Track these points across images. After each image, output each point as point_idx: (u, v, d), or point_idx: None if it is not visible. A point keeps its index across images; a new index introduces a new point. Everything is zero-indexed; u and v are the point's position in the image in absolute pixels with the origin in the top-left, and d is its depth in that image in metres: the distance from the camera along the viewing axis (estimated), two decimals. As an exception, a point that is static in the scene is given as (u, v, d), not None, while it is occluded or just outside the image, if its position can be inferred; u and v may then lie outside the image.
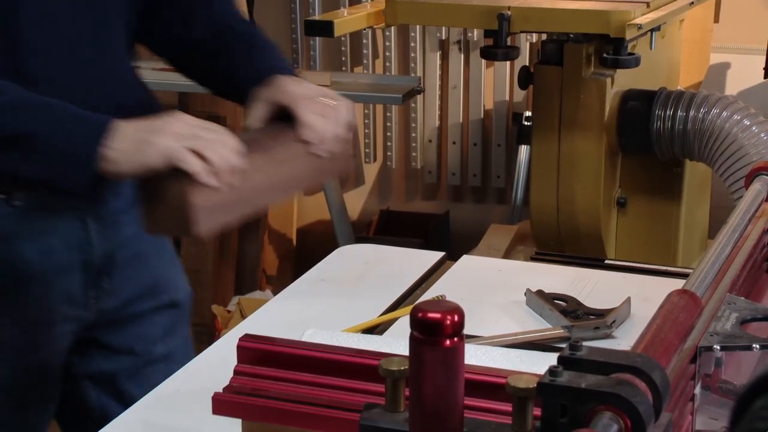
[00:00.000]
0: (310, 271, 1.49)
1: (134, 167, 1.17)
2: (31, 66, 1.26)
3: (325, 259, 1.54)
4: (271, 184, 1.26)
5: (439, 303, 0.72)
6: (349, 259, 1.54)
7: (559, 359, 0.69)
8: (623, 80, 2.14)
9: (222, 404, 0.93)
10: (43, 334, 1.35)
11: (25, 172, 1.20)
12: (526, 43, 3.04)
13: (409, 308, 1.09)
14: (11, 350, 1.34)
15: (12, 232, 1.30)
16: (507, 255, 2.33)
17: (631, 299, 1.29)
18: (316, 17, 2.55)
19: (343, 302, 1.37)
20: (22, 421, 1.38)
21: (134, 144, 1.17)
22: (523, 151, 2.92)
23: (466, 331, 0.72)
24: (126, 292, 1.39)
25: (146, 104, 1.38)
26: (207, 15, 1.45)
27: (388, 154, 3.31)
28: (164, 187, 1.17)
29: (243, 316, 2.64)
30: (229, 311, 2.87)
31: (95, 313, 1.38)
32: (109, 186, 1.29)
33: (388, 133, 3.28)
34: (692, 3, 2.25)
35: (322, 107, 1.30)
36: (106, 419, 1.11)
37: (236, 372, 0.94)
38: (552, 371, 0.68)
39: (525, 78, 2.17)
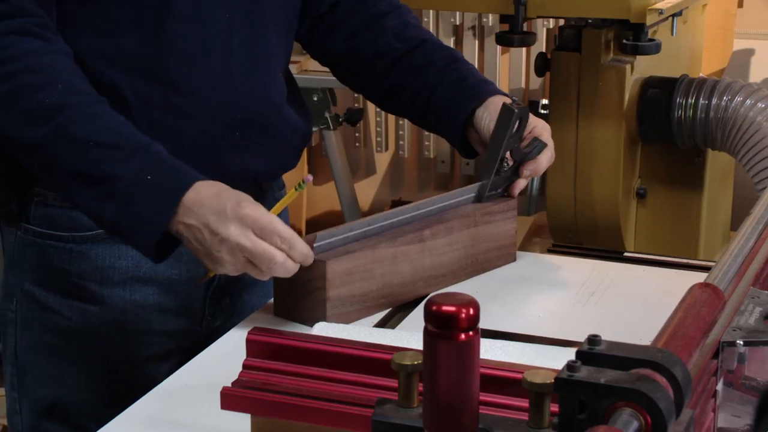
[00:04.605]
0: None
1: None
2: (178, 77, 1.27)
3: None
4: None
5: (453, 296, 0.72)
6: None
7: (578, 354, 0.69)
8: (643, 67, 2.13)
9: (231, 399, 0.94)
10: (154, 345, 1.36)
11: (99, 213, 1.19)
12: (542, 28, 3.03)
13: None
14: (117, 356, 1.35)
15: None
16: (523, 247, 2.32)
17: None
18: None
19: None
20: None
21: (197, 241, 1.17)
22: (540, 140, 2.91)
23: (480, 325, 0.72)
24: (245, 316, 1.39)
25: (293, 122, 1.38)
26: (393, 25, 1.48)
27: (401, 143, 3.31)
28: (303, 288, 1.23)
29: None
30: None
31: (207, 331, 1.39)
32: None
33: (401, 122, 3.28)
34: (715, -13, 2.24)
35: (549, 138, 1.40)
36: None
37: (245, 366, 0.95)
38: (570, 366, 0.68)
39: (542, 65, 2.16)
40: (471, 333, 0.70)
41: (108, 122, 1.19)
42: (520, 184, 1.41)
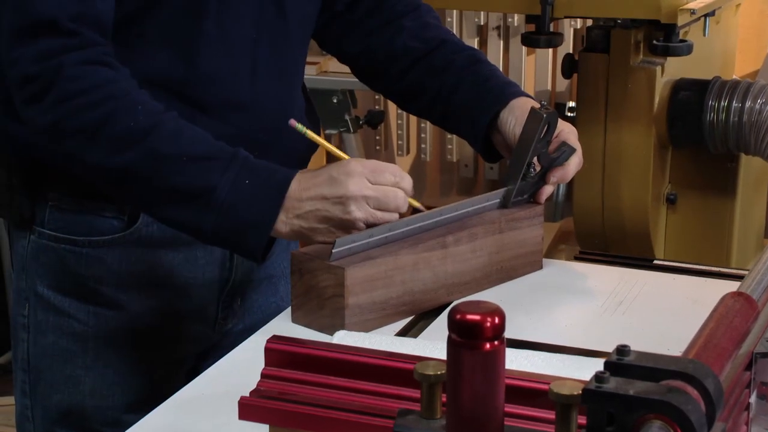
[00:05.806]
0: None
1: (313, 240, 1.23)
2: (203, 97, 1.29)
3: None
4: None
5: (478, 304, 0.72)
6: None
7: (606, 364, 0.69)
8: (674, 69, 2.13)
9: (248, 409, 0.94)
10: (170, 349, 1.38)
11: (200, 227, 1.22)
12: (570, 29, 3.02)
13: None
14: (133, 361, 1.37)
15: (157, 239, 1.33)
16: (549, 254, 2.32)
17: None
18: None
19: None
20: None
21: (316, 220, 1.22)
22: (566, 143, 2.91)
23: (505, 334, 0.72)
24: (254, 316, 1.41)
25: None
26: (415, 25, 1.49)
27: (422, 146, 3.31)
28: (323, 289, 1.23)
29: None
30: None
31: (219, 335, 1.41)
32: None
33: (422, 124, 3.28)
34: (749, -14, 2.23)
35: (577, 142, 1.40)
36: None
37: (263, 375, 0.95)
38: (598, 377, 0.68)
39: (569, 66, 2.16)
40: (496, 342, 0.71)
41: (192, 135, 1.22)
42: (547, 190, 1.41)
